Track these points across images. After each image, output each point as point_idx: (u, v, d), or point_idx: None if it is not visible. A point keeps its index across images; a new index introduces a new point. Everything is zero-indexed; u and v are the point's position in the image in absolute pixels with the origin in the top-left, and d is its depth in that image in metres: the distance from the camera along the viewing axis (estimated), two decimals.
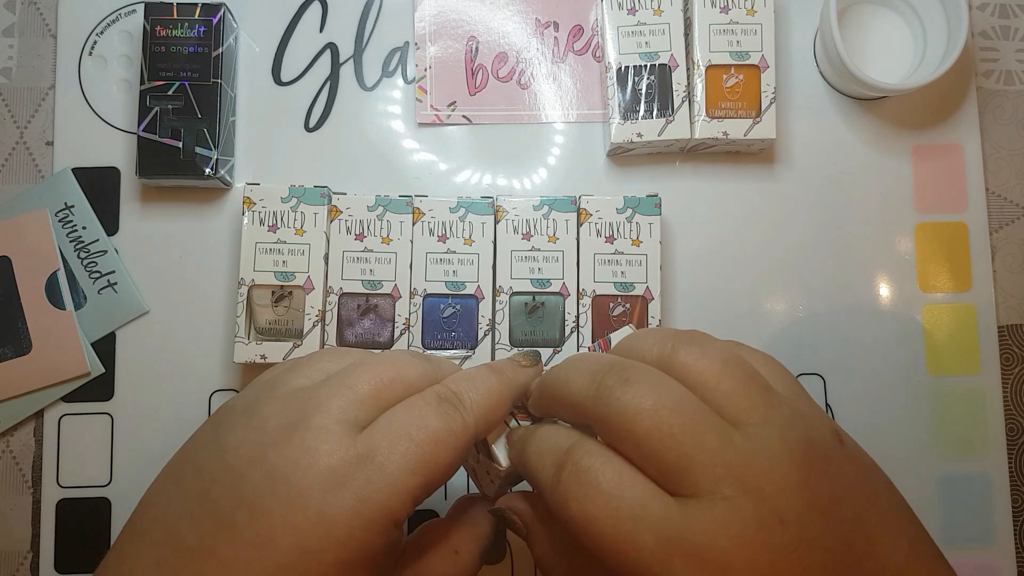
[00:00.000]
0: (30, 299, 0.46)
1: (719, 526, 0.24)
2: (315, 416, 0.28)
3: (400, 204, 0.45)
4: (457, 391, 0.31)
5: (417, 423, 0.29)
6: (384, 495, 0.28)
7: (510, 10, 0.50)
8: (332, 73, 0.49)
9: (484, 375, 0.32)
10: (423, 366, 0.32)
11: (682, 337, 0.29)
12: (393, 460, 0.28)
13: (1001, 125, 0.50)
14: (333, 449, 0.28)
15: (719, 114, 0.46)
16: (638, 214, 0.45)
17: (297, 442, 0.28)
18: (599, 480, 0.26)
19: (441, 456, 0.29)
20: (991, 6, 0.51)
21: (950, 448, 0.47)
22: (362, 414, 0.29)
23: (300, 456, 0.28)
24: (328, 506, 0.27)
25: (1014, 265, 0.49)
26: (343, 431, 0.28)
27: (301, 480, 0.27)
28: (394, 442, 0.28)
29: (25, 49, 0.49)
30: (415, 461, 0.28)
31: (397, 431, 0.29)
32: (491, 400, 0.31)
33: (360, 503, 0.27)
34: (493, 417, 0.31)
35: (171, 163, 0.45)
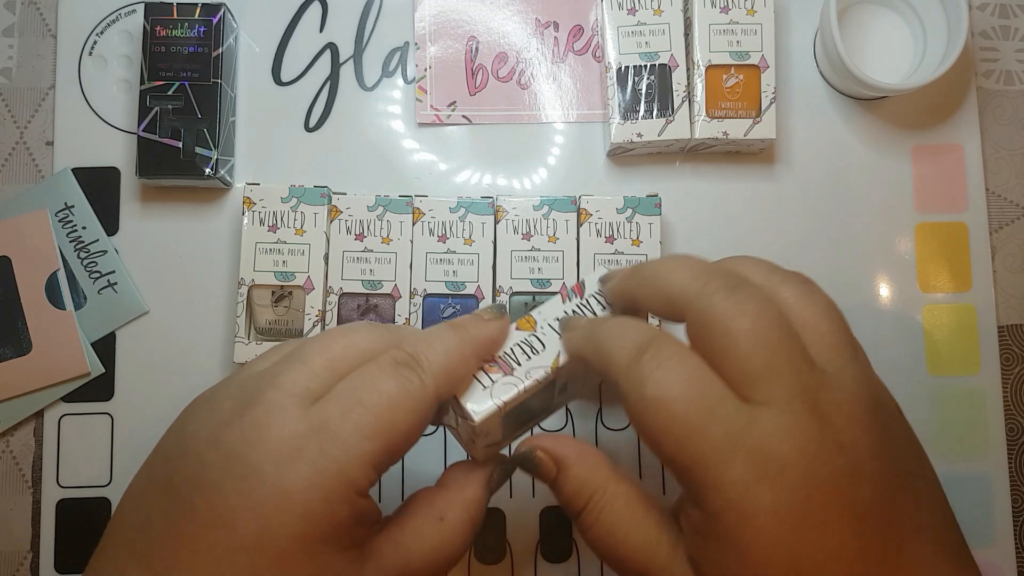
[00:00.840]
0: (30, 299, 0.46)
1: (785, 433, 0.25)
2: (267, 392, 0.28)
3: (400, 204, 0.45)
4: (414, 353, 0.30)
5: (370, 388, 0.29)
6: (340, 464, 0.27)
7: (510, 10, 0.50)
8: (332, 73, 0.49)
9: (442, 333, 0.31)
10: (379, 333, 0.31)
11: (790, 275, 0.30)
12: (346, 427, 0.28)
13: (1001, 125, 0.50)
14: (285, 422, 0.28)
15: (719, 114, 0.46)
16: (638, 214, 0.45)
17: (249, 419, 0.28)
18: (681, 367, 0.27)
19: (398, 419, 0.29)
20: (991, 6, 0.51)
21: (950, 448, 0.47)
22: (315, 386, 0.29)
23: (252, 433, 0.28)
24: (283, 480, 0.27)
25: (1014, 265, 0.49)
26: (295, 404, 0.28)
27: (254, 456, 0.27)
28: (347, 409, 0.28)
29: (25, 49, 0.50)
30: (370, 426, 0.28)
31: (349, 398, 0.28)
32: (451, 358, 0.30)
33: (316, 474, 0.27)
34: (454, 375, 0.31)
35: (171, 163, 0.45)
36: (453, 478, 0.33)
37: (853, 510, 0.26)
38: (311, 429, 0.28)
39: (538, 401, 0.33)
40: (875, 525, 0.26)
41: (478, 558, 0.46)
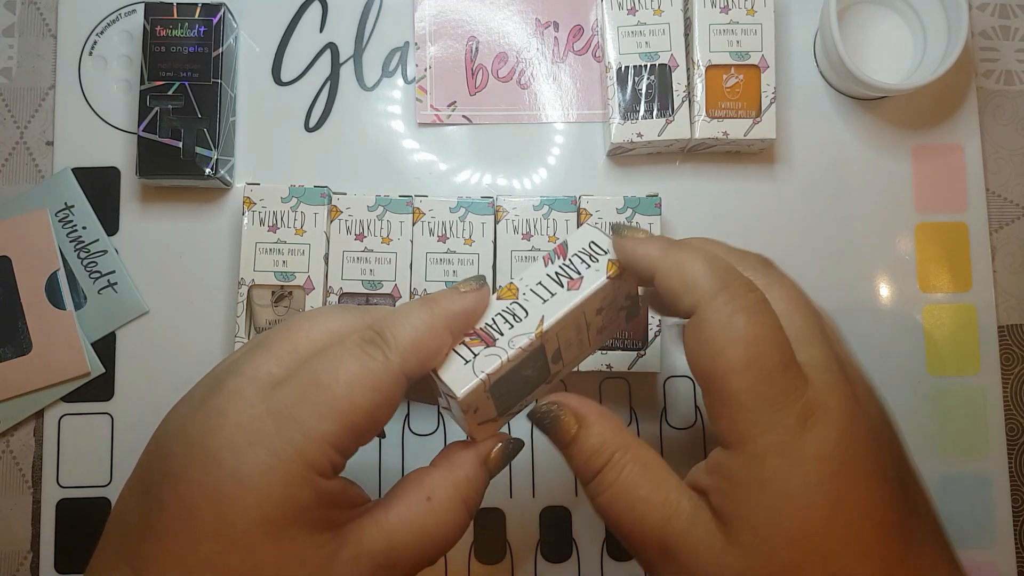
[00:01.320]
0: (30, 299, 0.46)
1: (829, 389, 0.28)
2: (228, 380, 0.28)
3: (400, 204, 0.45)
4: (380, 330, 0.29)
5: (330, 368, 0.28)
6: (297, 446, 0.27)
7: (510, 10, 0.50)
8: (332, 73, 0.49)
9: (413, 308, 0.30)
10: (351, 314, 0.31)
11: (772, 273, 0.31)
12: (304, 409, 0.27)
13: (1001, 125, 0.50)
14: (242, 407, 0.27)
15: (719, 114, 0.46)
16: (638, 214, 0.45)
17: (210, 407, 0.28)
18: (771, 312, 0.29)
19: (359, 398, 0.28)
20: (991, 6, 0.51)
21: (950, 448, 0.47)
22: (277, 370, 0.29)
23: (211, 419, 0.28)
24: (241, 464, 0.27)
25: (1014, 265, 0.49)
26: (255, 389, 0.28)
27: (212, 443, 0.27)
28: (305, 391, 0.28)
29: (25, 49, 0.49)
30: (328, 406, 0.27)
31: (308, 380, 0.28)
32: (420, 334, 0.29)
33: (272, 457, 0.27)
34: (425, 350, 0.29)
35: (171, 163, 0.45)
36: (445, 456, 0.32)
37: (880, 472, 0.27)
38: (268, 412, 0.27)
39: (530, 371, 0.32)
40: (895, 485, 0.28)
41: (478, 558, 0.46)
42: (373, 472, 0.46)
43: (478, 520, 0.46)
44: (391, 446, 0.47)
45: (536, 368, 0.32)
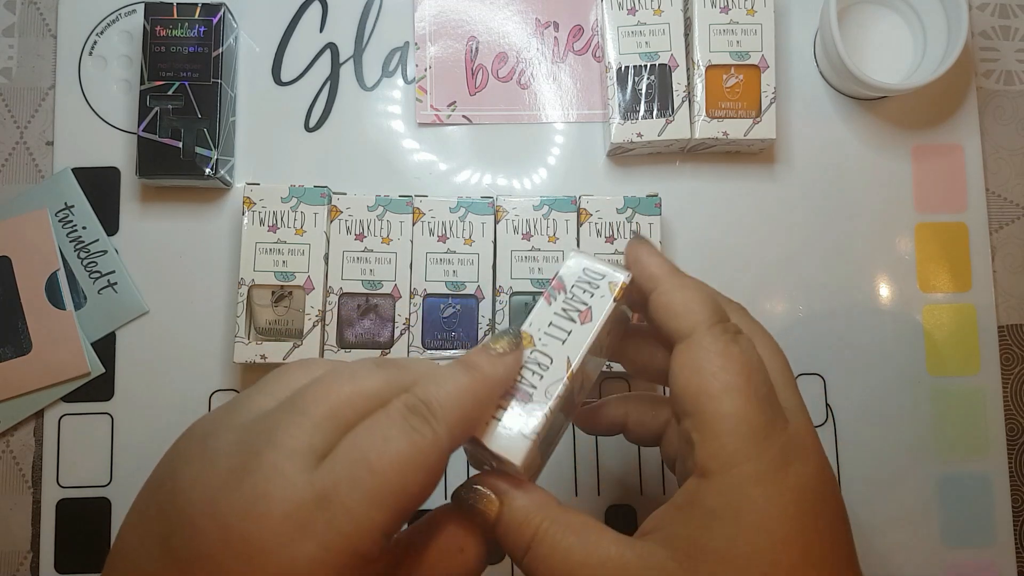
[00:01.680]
0: (30, 299, 0.46)
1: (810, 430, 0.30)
2: (266, 453, 0.26)
3: (400, 204, 0.45)
4: (426, 399, 0.27)
5: (379, 448, 0.26)
6: (348, 538, 0.25)
7: (510, 10, 0.50)
8: (332, 73, 0.49)
9: (456, 376, 0.28)
10: (388, 373, 0.28)
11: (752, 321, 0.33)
12: (354, 497, 0.25)
13: (1001, 125, 0.50)
14: (287, 494, 0.25)
15: (719, 114, 0.46)
16: (638, 214, 0.45)
17: (248, 488, 0.25)
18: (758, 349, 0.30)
19: (410, 481, 0.26)
20: (991, 6, 0.51)
21: (950, 448, 0.47)
22: (318, 441, 0.26)
23: (252, 505, 0.25)
24: (288, 558, 0.25)
25: (1014, 265, 0.49)
26: (297, 468, 0.25)
27: (256, 532, 0.25)
28: (355, 475, 0.25)
29: (25, 49, 0.49)
30: (381, 494, 0.26)
31: (357, 460, 0.26)
32: (465, 404, 0.28)
33: (323, 550, 0.25)
34: (470, 422, 0.28)
35: (171, 163, 0.45)
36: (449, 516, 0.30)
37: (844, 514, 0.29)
38: (316, 499, 0.25)
39: (564, 411, 0.32)
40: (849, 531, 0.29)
41: None
42: None
43: None
44: None
45: (568, 406, 0.32)
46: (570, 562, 0.28)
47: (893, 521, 0.47)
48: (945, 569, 0.46)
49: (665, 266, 0.32)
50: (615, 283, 0.32)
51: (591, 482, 0.47)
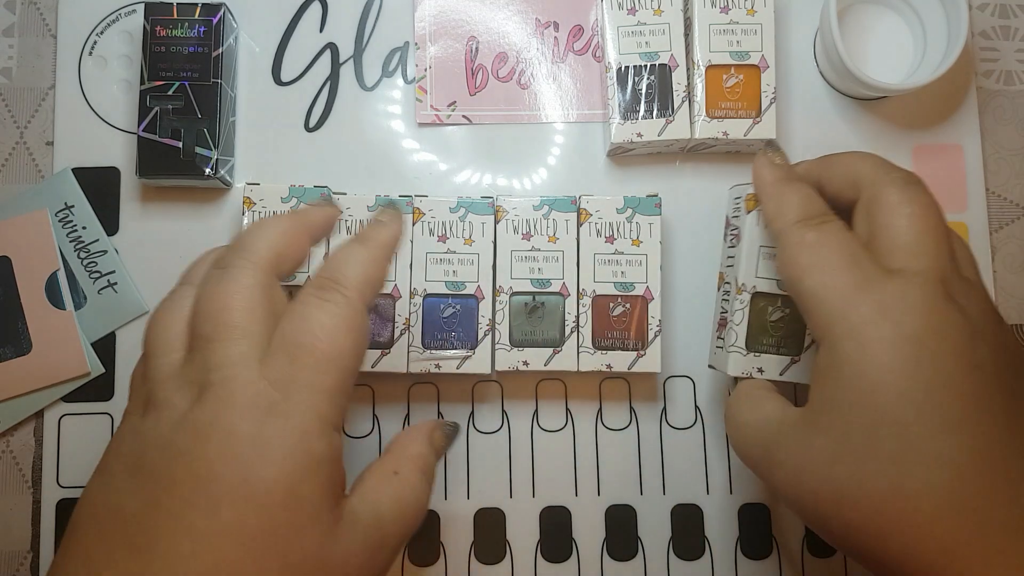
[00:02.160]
0: (30, 299, 0.46)
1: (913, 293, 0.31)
2: (214, 372, 0.29)
3: (400, 204, 0.45)
4: (330, 276, 0.32)
5: (303, 327, 0.30)
6: (308, 403, 0.29)
7: (510, 10, 0.50)
8: (332, 73, 0.49)
9: (352, 250, 0.33)
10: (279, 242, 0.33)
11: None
12: (301, 372, 0.29)
13: (1001, 125, 0.50)
14: (246, 386, 0.29)
15: (719, 114, 0.46)
16: (638, 214, 0.45)
17: (211, 396, 0.29)
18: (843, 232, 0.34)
19: (341, 343, 0.30)
20: (991, 6, 0.51)
21: None
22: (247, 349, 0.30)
23: (218, 403, 0.29)
24: (259, 428, 0.28)
25: (1014, 265, 0.49)
26: (247, 369, 0.29)
27: (226, 419, 0.28)
28: (292, 355, 0.30)
29: (25, 49, 0.50)
30: (321, 360, 0.30)
31: (290, 345, 0.30)
32: (365, 269, 0.33)
33: (287, 419, 0.29)
34: (373, 282, 0.33)
35: (171, 163, 0.45)
36: (398, 441, 0.36)
37: (970, 358, 0.30)
38: (270, 385, 0.29)
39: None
40: (991, 374, 0.30)
41: (478, 558, 0.46)
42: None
43: (478, 520, 0.46)
44: None
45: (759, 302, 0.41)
46: (740, 422, 0.37)
47: None
48: None
49: (764, 175, 0.38)
50: (747, 196, 0.40)
51: (591, 482, 0.47)
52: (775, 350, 0.41)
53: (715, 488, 0.47)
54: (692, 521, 0.47)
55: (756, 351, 0.41)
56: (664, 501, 0.47)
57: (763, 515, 0.47)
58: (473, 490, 0.47)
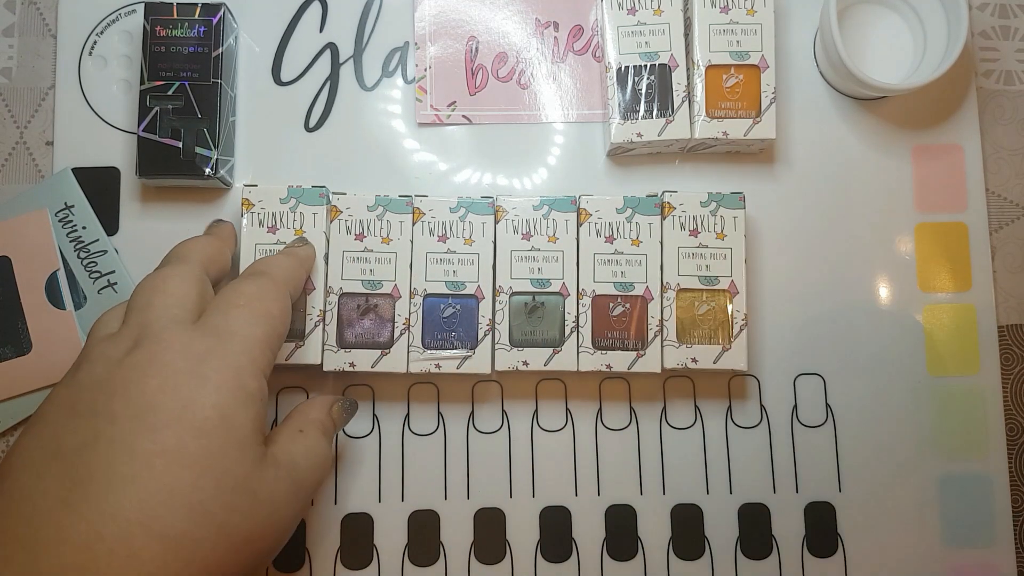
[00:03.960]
0: (30, 299, 0.46)
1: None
2: (152, 326, 0.34)
3: (400, 204, 0.45)
4: (261, 269, 0.39)
5: (236, 293, 0.36)
6: (240, 346, 0.34)
7: (510, 10, 0.50)
8: (332, 73, 0.49)
9: (279, 257, 0.41)
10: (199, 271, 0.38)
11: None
12: (233, 322, 0.34)
13: (1001, 125, 0.50)
14: (180, 337, 0.33)
15: (719, 114, 0.46)
16: (638, 214, 0.45)
17: (146, 347, 0.33)
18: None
19: (269, 303, 0.36)
20: (991, 6, 0.51)
21: (950, 448, 0.47)
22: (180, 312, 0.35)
23: (154, 349, 0.33)
24: (196, 365, 0.32)
25: (1014, 265, 0.49)
26: (182, 326, 0.34)
27: (166, 356, 0.32)
28: (225, 312, 0.35)
29: (25, 49, 0.50)
30: (251, 314, 0.35)
31: (226, 304, 0.35)
32: (288, 269, 0.40)
33: (222, 359, 0.33)
34: (294, 280, 0.40)
35: (171, 163, 0.45)
36: (300, 407, 0.40)
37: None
38: (207, 333, 0.34)
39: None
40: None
41: (478, 558, 0.46)
42: (372, 473, 0.46)
43: (478, 520, 0.46)
44: (390, 446, 0.47)
45: None
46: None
47: (893, 521, 0.47)
48: (945, 569, 0.47)
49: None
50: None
51: (591, 482, 0.47)
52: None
53: (715, 488, 0.47)
54: (692, 521, 0.47)
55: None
56: (664, 501, 0.47)
57: (763, 515, 0.47)
58: (473, 490, 0.47)
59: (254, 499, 0.32)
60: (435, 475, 0.47)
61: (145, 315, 0.34)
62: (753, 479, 0.47)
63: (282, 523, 0.34)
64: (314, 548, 0.46)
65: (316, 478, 0.37)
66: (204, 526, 0.30)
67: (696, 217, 0.45)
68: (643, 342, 0.44)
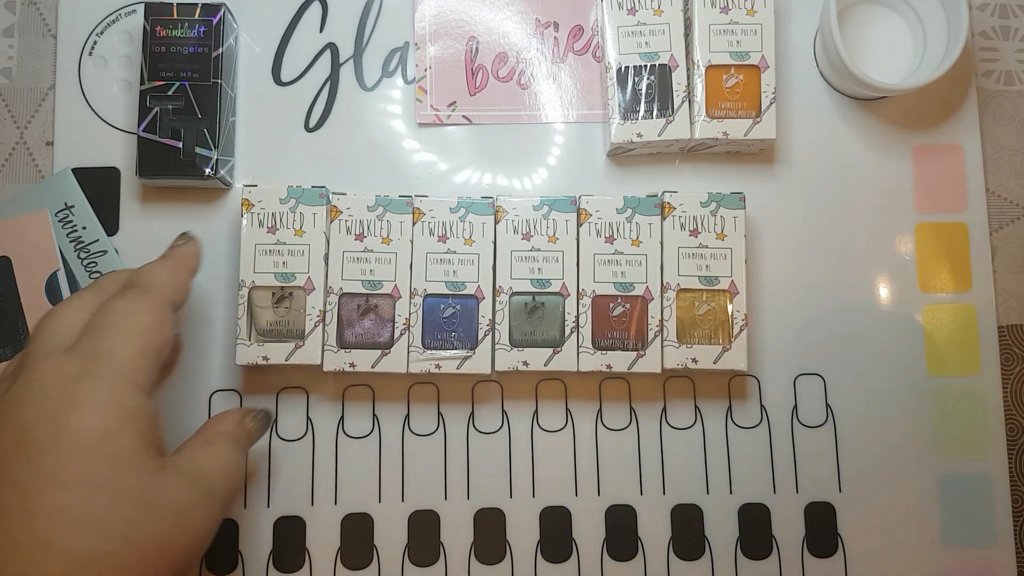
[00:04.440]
0: (30, 299, 0.46)
1: None
2: (30, 357, 0.34)
3: (400, 204, 0.45)
4: (136, 281, 0.38)
5: (107, 312, 0.35)
6: (113, 364, 0.34)
7: (510, 10, 0.50)
8: (332, 73, 0.49)
9: (157, 262, 0.39)
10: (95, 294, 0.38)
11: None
12: (105, 342, 0.34)
13: (1001, 125, 0.50)
14: (52, 364, 0.34)
15: (719, 114, 0.46)
16: (638, 214, 0.45)
17: (23, 377, 0.33)
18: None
19: (141, 318, 0.35)
20: (991, 6, 0.51)
21: (950, 448, 0.47)
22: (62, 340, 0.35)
23: (25, 382, 0.33)
24: (69, 390, 0.33)
25: (1014, 265, 0.49)
26: (54, 353, 0.34)
27: (36, 387, 0.33)
28: (98, 334, 0.34)
29: (25, 49, 0.49)
30: (123, 333, 0.35)
31: (96, 328, 0.35)
32: (165, 274, 0.38)
33: (95, 380, 0.33)
34: (174, 285, 0.38)
35: (171, 163, 0.45)
36: (210, 420, 0.41)
37: None
38: (77, 356, 0.34)
39: None
40: None
41: (478, 558, 0.46)
42: (373, 473, 0.46)
43: (478, 520, 0.46)
44: (391, 446, 0.47)
45: None
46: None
47: (893, 521, 0.47)
48: (945, 569, 0.47)
49: None
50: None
51: (591, 482, 0.47)
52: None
53: (715, 488, 0.47)
54: (692, 521, 0.47)
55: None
56: (664, 501, 0.47)
57: (763, 515, 0.47)
58: (473, 490, 0.47)
59: (157, 509, 0.33)
60: (435, 475, 0.47)
61: (30, 346, 0.35)
62: (753, 479, 0.47)
63: (196, 529, 0.35)
64: (314, 548, 0.46)
65: (227, 486, 0.37)
66: (108, 540, 0.31)
67: (696, 217, 0.45)
68: (643, 342, 0.44)
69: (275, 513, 0.46)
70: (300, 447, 0.47)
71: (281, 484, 0.46)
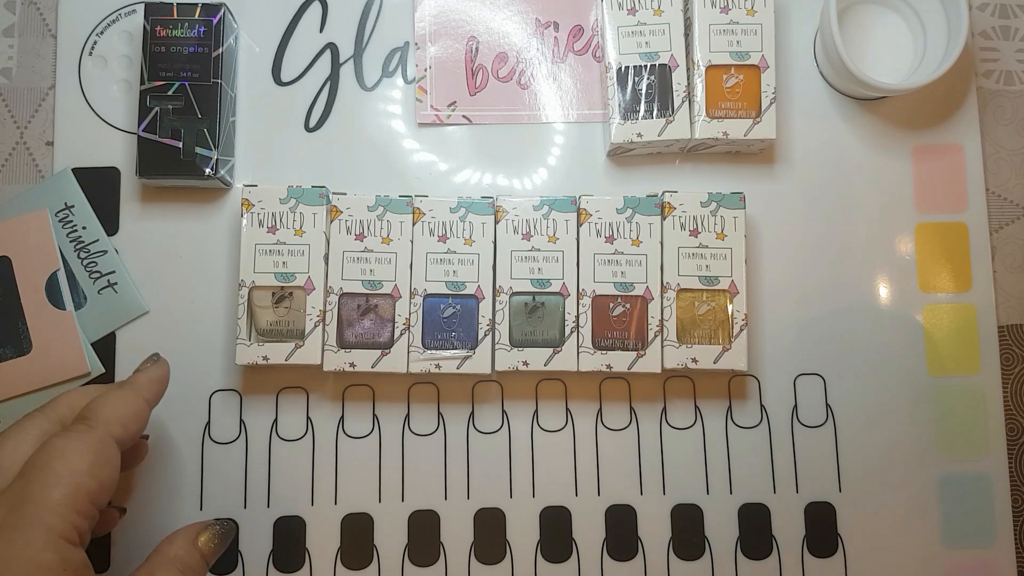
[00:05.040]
0: (30, 299, 0.46)
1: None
2: None
3: (400, 204, 0.45)
4: (86, 414, 0.35)
5: (42, 453, 0.33)
6: (34, 516, 0.31)
7: (510, 10, 0.50)
8: (332, 73, 0.49)
9: (112, 390, 0.37)
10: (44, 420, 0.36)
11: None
12: (30, 489, 0.32)
13: (1001, 125, 0.50)
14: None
15: (719, 114, 0.46)
16: (638, 214, 0.45)
17: None
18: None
19: (74, 462, 0.33)
20: (991, 6, 0.51)
21: (950, 448, 0.47)
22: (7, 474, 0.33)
23: None
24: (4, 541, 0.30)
25: (1014, 265, 0.49)
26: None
27: None
28: (27, 478, 0.32)
29: (25, 49, 0.49)
30: (51, 478, 0.32)
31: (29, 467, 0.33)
32: (117, 406, 0.36)
33: (14, 531, 0.30)
34: (124, 419, 0.36)
35: (171, 163, 0.45)
36: (160, 544, 0.37)
37: None
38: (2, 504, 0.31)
39: None
40: None
41: (478, 558, 0.46)
42: (373, 473, 0.46)
43: (478, 520, 0.46)
44: (391, 446, 0.47)
45: None
46: None
47: (893, 521, 0.47)
48: (945, 569, 0.47)
49: None
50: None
51: (591, 482, 0.47)
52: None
53: (715, 488, 0.47)
54: (692, 521, 0.47)
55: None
56: (664, 501, 0.47)
57: (763, 515, 0.47)
58: (473, 490, 0.47)
59: None
60: (435, 475, 0.47)
61: None
62: (753, 479, 0.47)
63: None
64: (314, 548, 0.46)
65: None
66: None
67: (696, 217, 0.45)
68: (643, 342, 0.44)
69: (275, 513, 0.46)
70: (300, 447, 0.47)
71: (281, 484, 0.46)
